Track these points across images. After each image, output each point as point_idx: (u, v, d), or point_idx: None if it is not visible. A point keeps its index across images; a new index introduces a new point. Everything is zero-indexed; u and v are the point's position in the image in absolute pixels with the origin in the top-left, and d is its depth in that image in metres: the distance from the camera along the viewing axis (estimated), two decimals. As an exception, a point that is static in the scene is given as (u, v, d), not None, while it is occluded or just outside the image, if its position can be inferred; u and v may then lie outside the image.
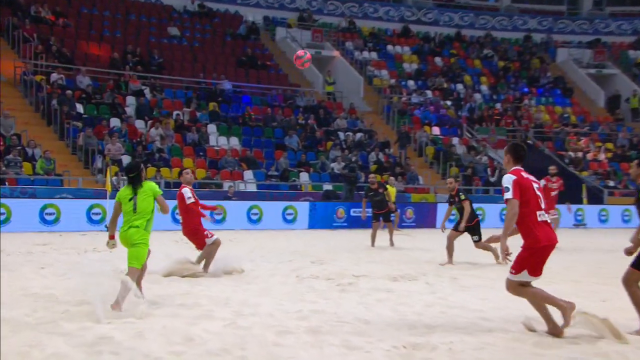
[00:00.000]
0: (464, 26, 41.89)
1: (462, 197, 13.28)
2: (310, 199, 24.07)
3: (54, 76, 26.21)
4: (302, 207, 23.39)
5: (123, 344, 5.99)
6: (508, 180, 6.46)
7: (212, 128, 27.94)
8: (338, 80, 34.88)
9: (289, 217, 22.98)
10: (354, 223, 23.36)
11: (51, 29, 29.12)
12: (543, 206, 6.55)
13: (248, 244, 16.89)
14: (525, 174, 6.59)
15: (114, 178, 21.73)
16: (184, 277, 10.19)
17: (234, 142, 27.90)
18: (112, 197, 19.68)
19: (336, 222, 23.58)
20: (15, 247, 14.56)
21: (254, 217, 22.52)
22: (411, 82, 37.03)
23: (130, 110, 26.86)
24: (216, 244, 10.73)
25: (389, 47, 38.96)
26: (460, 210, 13.27)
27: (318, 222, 23.21)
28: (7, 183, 20.97)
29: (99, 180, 22.82)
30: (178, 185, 24.06)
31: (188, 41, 33.00)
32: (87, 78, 27.13)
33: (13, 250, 13.87)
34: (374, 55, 37.98)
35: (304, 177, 26.75)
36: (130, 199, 8.17)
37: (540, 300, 6.54)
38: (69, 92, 25.48)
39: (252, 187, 25.73)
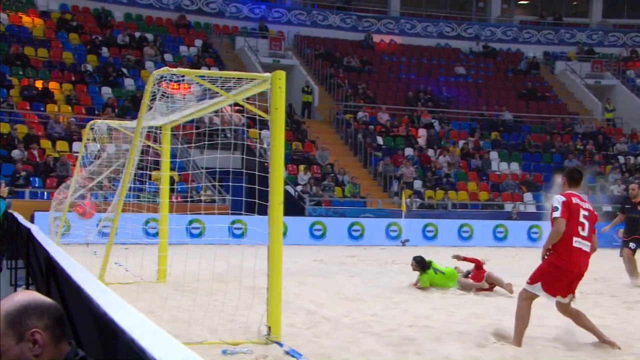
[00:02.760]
0: None
1: None
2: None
3: (360, 114, 27.73)
4: (582, 228, 21.93)
5: (424, 345, 6.08)
6: (558, 200, 6.05)
7: (494, 155, 27.41)
8: (618, 107, 32.12)
9: (569, 237, 21.67)
10: (636, 244, 21.30)
11: (359, 76, 30.87)
12: (583, 234, 5.97)
13: (528, 260, 16.19)
14: (576, 199, 6.08)
15: (408, 200, 22.24)
16: None
17: (515, 167, 27.06)
18: (407, 216, 20.21)
19: (616, 242, 21.63)
20: (330, 257, 15.53)
21: (534, 236, 21.56)
22: (701, 106, 32.78)
23: (422, 140, 27.40)
24: None
25: (673, 73, 34.97)
26: (636, 221, 10.54)
27: (598, 241, 21.53)
28: (323, 204, 22.53)
29: (395, 202, 23.53)
30: (463, 206, 24.24)
31: (473, 78, 32.83)
32: (386, 114, 28.26)
33: (329, 261, 14.79)
34: (657, 81, 34.38)
35: (584, 199, 25.01)
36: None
37: (519, 317, 6.12)
38: (371, 127, 26.77)
39: (531, 208, 24.69)
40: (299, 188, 22.69)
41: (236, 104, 7.56)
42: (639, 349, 6.07)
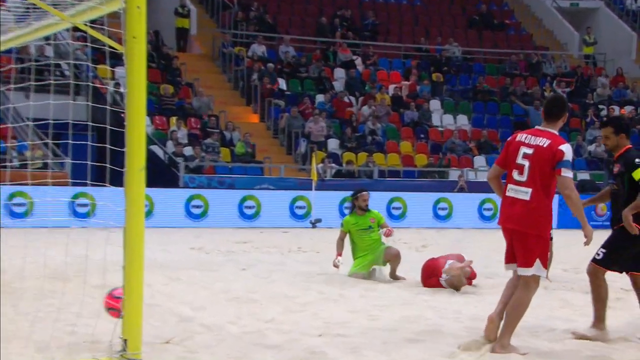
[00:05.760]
0: None
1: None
2: (560, 192, 23.42)
3: (255, 47, 27.59)
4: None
5: (337, 360, 6.24)
6: None
7: (435, 104, 28.01)
8: (601, 39, 33.19)
9: (532, 214, 22.52)
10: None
11: (253, -8, 30.62)
12: (519, 179, 6.45)
13: (480, 244, 16.75)
14: (523, 136, 6.56)
15: (320, 166, 22.42)
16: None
17: (463, 120, 27.77)
18: (319, 188, 20.42)
19: (595, 221, 22.69)
20: (214, 244, 15.54)
21: (487, 214, 22.30)
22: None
23: (339, 84, 27.61)
24: None
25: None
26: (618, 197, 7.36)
27: (569, 220, 22.47)
28: (204, 171, 22.36)
29: (303, 169, 23.67)
30: (394, 174, 24.65)
31: (408, 0, 33.24)
32: (291, 48, 28.27)
33: (212, 248, 14.82)
34: (654, 0, 35.80)
35: (552, 163, 26.03)
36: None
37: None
38: (270, 65, 26.72)
39: (484, 177, 25.40)
40: (170, 149, 22.44)
41: (76, 29, 7.36)
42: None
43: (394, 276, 10.96)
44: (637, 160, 7.08)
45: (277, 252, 14.64)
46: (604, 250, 7.27)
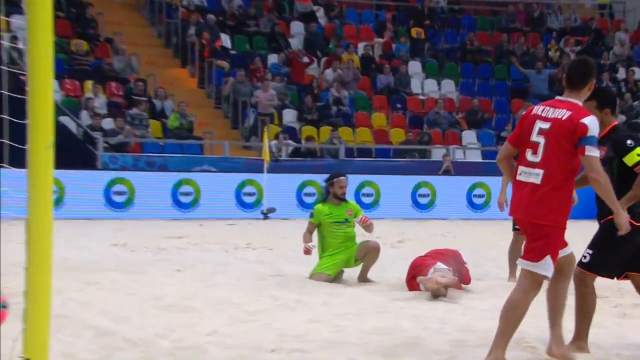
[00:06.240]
0: None
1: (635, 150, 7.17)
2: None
3: (191, -6, 27.46)
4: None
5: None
6: None
7: (415, 67, 28.06)
8: (620, -14, 33.39)
9: (533, 201, 22.68)
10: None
11: None
12: (532, 159, 6.45)
13: (469, 239, 16.82)
14: (540, 109, 6.59)
15: (274, 142, 22.39)
16: None
17: (449, 86, 27.86)
18: (273, 170, 20.38)
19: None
20: (141, 240, 15.50)
21: (478, 201, 22.41)
22: None
23: (296, 42, 27.54)
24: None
25: None
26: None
27: (581, 209, 22.66)
28: (129, 149, 22.18)
29: (253, 147, 23.62)
30: (365, 152, 24.69)
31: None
32: (237, -5, 28.13)
33: (139, 245, 14.77)
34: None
35: (556, 139, 26.22)
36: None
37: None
38: (211, 17, 26.55)
39: (475, 156, 25.58)
40: (85, 121, 22.27)
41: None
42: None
43: (364, 278, 10.96)
44: (629, 142, 7.04)
45: (220, 249, 14.63)
46: (590, 252, 7.21)
